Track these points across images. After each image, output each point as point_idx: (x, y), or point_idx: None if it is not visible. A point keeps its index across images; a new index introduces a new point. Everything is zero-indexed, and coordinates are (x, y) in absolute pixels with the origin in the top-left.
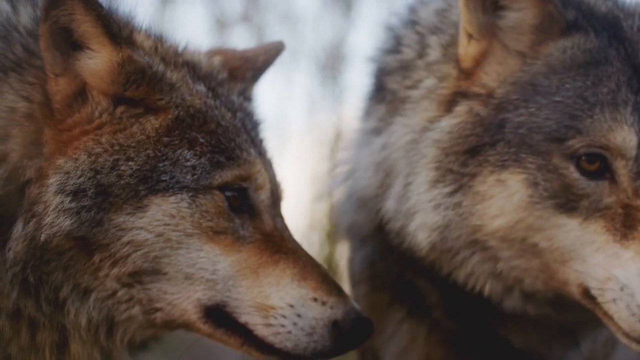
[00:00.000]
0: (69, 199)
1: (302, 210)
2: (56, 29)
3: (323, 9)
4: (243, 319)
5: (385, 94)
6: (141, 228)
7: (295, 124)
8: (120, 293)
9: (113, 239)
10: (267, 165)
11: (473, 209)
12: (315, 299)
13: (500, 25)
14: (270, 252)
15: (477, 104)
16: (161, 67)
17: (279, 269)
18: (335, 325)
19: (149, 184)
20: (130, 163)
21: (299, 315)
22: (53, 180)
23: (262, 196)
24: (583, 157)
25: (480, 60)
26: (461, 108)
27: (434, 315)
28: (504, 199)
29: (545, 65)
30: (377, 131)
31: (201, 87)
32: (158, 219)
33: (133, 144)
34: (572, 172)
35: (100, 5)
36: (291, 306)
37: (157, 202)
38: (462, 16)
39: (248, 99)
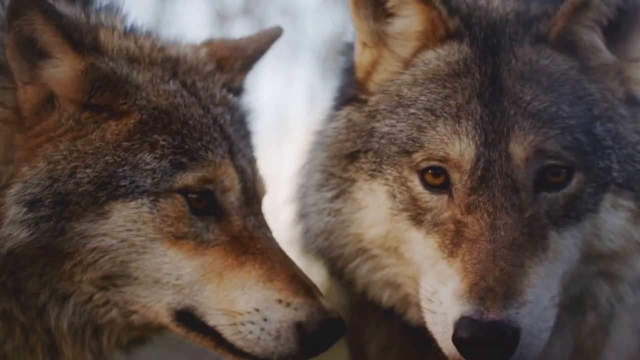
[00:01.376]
0: (25, 209)
1: None
2: (20, 38)
3: (324, 2)
4: (211, 322)
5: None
6: (104, 234)
7: (296, 118)
8: (96, 296)
9: (78, 246)
10: (241, 163)
11: (352, 217)
12: (280, 301)
13: (389, 32)
14: (237, 254)
15: (353, 110)
16: (126, 70)
17: (245, 271)
18: (299, 328)
19: (108, 190)
20: (87, 170)
21: (265, 319)
22: (13, 190)
23: (231, 198)
24: (429, 171)
25: (372, 67)
26: (341, 112)
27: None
28: (375, 209)
29: (411, 75)
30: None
31: (172, 86)
32: (120, 224)
33: (91, 151)
34: (417, 186)
35: (59, 15)
36: (257, 310)
37: (118, 207)
38: (354, 24)
39: (234, 90)
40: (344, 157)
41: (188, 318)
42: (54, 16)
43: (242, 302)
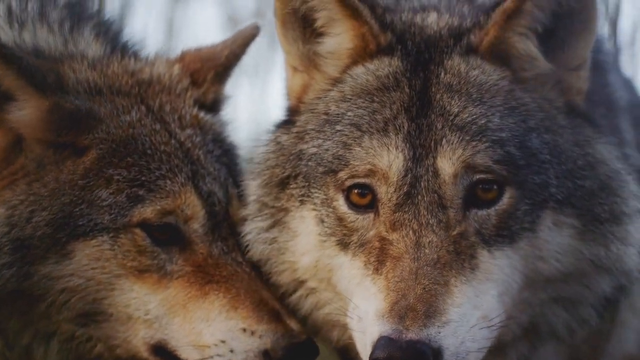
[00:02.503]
0: None
1: None
2: None
3: None
4: (184, 356)
5: None
6: (71, 275)
7: None
8: (78, 333)
9: (47, 288)
10: (208, 187)
11: (287, 245)
12: (244, 330)
13: (320, 52)
14: (200, 284)
15: (282, 132)
16: (88, 105)
17: (208, 302)
18: (266, 355)
19: (67, 230)
20: (44, 213)
21: (231, 351)
22: None
23: (194, 226)
24: (355, 190)
25: (303, 92)
26: (269, 137)
27: None
28: (306, 236)
29: (339, 91)
30: None
31: (134, 115)
32: (85, 263)
33: (47, 193)
34: (342, 205)
35: (19, 58)
36: (223, 342)
37: (79, 247)
38: (283, 48)
39: (207, 106)
40: (275, 185)
41: (163, 351)
42: (14, 60)
43: (208, 334)
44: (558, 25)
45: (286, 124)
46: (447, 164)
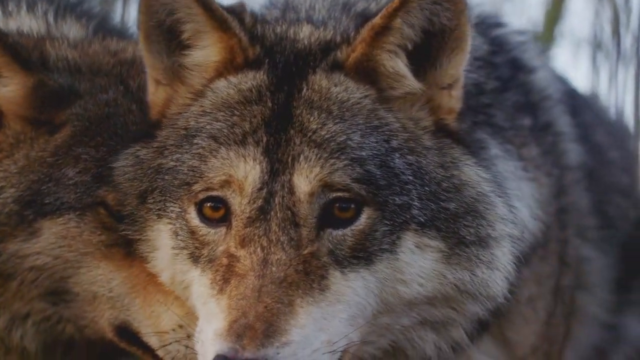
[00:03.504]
0: None
1: None
2: None
3: None
4: (145, 339)
5: None
6: (38, 253)
7: None
8: (49, 313)
9: (16, 267)
10: None
11: (150, 257)
12: None
13: (186, 64)
14: None
15: (142, 147)
16: (69, 82)
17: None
18: None
19: (34, 208)
20: (11, 190)
21: (188, 336)
22: None
23: None
24: (208, 203)
25: (166, 106)
26: (129, 150)
27: None
28: (162, 251)
29: (200, 105)
30: None
31: (111, 94)
32: (52, 242)
33: (16, 170)
34: (194, 219)
35: (4, 35)
36: (180, 327)
37: (47, 225)
38: (146, 62)
39: None
40: (135, 197)
41: (128, 333)
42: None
43: (167, 319)
44: (429, 43)
45: (146, 138)
46: (303, 181)
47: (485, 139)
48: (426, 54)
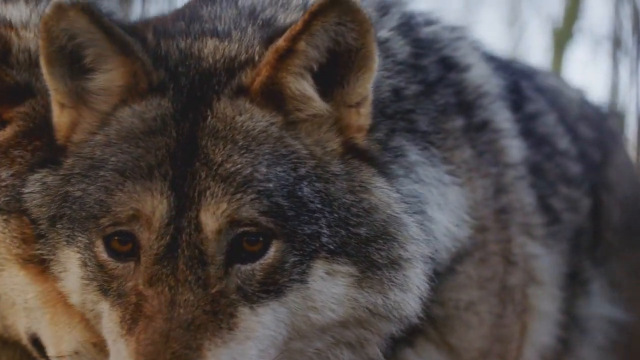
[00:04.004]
0: None
1: None
2: None
3: None
4: (50, 355)
5: None
6: None
7: None
8: None
9: None
10: None
11: (61, 276)
12: (95, 344)
13: (90, 88)
14: None
15: (49, 173)
16: (27, 79)
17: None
18: None
19: None
20: None
21: None
22: None
23: None
24: (116, 237)
25: (71, 130)
26: (35, 176)
27: None
28: (72, 275)
29: (105, 135)
30: None
31: None
32: None
33: None
34: (102, 252)
35: None
36: (77, 353)
37: None
38: (49, 84)
39: None
40: (46, 221)
41: (39, 345)
42: None
43: (67, 342)
44: (336, 62)
45: (52, 164)
46: (210, 219)
47: (404, 145)
48: (333, 74)
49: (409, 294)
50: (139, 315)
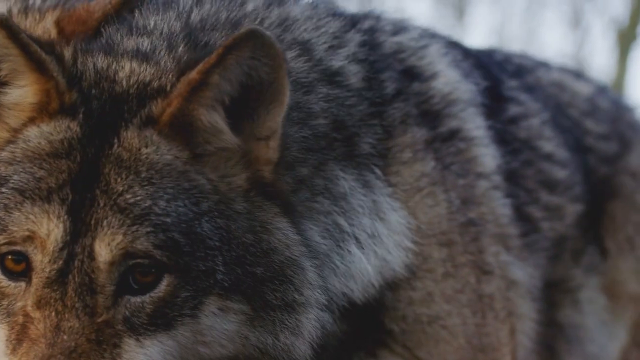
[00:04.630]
0: None
1: None
2: None
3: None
4: None
5: None
6: None
7: None
8: None
9: None
10: None
11: None
12: None
13: (3, 102)
14: None
15: None
16: None
17: None
18: None
19: None
20: None
21: None
22: None
23: None
24: (9, 256)
25: None
26: None
27: None
28: None
29: (11, 152)
30: None
31: None
32: None
33: None
34: None
35: None
36: None
37: None
38: None
39: None
40: None
41: None
42: None
43: None
44: (247, 96)
45: None
46: (105, 249)
47: (337, 175)
48: (244, 107)
49: (300, 339)
50: (24, 337)
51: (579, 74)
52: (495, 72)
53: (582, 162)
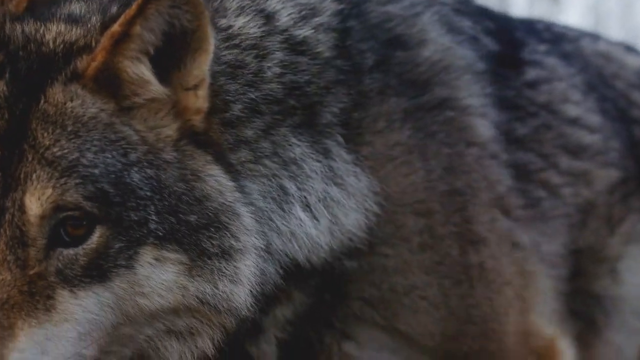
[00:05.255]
0: None
1: None
2: None
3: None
4: None
5: None
6: None
7: None
8: None
9: None
10: None
11: None
12: None
13: None
14: None
15: None
16: None
17: None
18: None
19: None
20: None
21: None
22: None
23: None
24: None
25: None
26: None
27: None
28: None
29: None
30: None
31: None
32: None
33: None
34: None
35: None
36: None
37: None
38: None
39: None
40: None
41: None
42: None
43: None
44: (172, 45)
45: None
46: (35, 203)
47: (288, 140)
48: (170, 58)
49: (239, 286)
50: None
51: (630, 48)
52: (518, 37)
53: (627, 132)
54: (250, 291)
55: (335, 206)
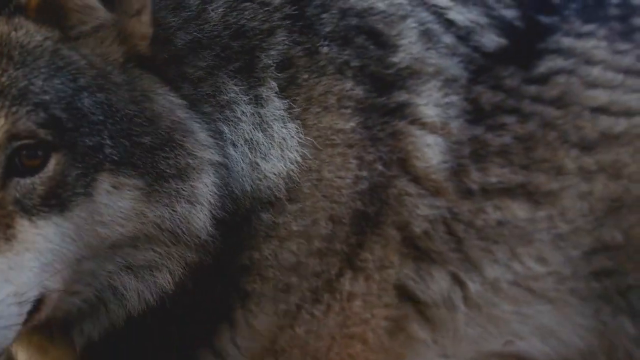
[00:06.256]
0: None
1: None
2: None
3: None
4: None
5: None
6: None
7: None
8: None
9: None
10: None
11: None
12: None
13: None
14: None
15: None
16: None
17: None
18: None
19: None
20: None
21: None
22: None
23: None
24: None
25: None
26: None
27: None
28: None
29: None
30: None
31: None
32: None
33: None
34: None
35: None
36: None
37: None
38: None
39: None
40: None
41: None
42: None
43: None
44: None
45: None
46: None
47: (224, 84)
48: None
49: (197, 206)
50: None
51: None
52: (546, 22)
53: None
54: (210, 212)
55: (258, 150)
